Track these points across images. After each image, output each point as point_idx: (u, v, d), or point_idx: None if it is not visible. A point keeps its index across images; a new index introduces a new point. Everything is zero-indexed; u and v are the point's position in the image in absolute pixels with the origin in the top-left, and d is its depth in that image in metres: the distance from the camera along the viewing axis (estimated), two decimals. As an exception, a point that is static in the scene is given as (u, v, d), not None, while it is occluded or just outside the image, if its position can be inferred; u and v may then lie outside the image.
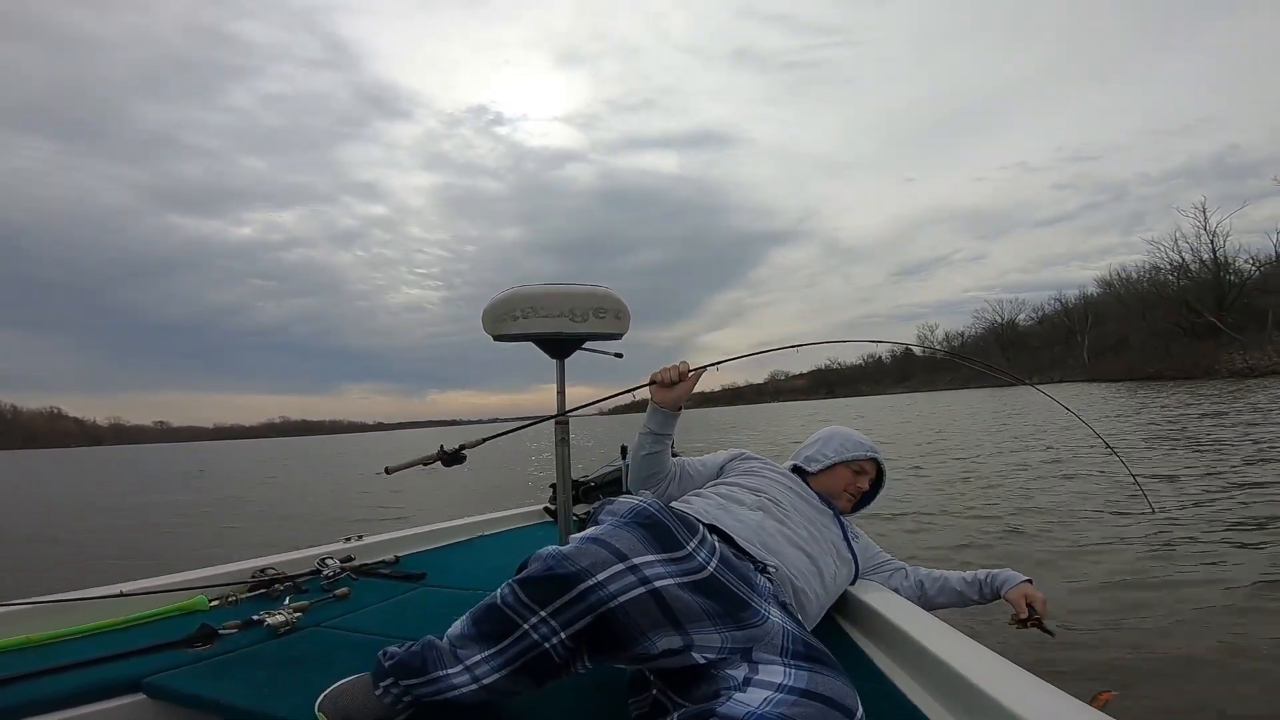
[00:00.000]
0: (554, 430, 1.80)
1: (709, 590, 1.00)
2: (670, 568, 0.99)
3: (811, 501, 1.68)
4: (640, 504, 1.08)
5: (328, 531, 5.78)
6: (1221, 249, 40.91)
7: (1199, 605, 3.07)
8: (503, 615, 0.98)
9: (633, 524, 1.03)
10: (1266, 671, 2.39)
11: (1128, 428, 11.89)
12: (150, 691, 1.26)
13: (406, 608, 1.77)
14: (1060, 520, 5.08)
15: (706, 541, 1.09)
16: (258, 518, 9.80)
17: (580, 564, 0.96)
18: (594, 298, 1.73)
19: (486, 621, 1.00)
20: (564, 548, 1.01)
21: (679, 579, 0.98)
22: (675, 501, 1.62)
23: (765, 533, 1.46)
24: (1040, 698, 0.95)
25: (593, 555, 0.97)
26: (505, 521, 2.97)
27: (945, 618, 1.40)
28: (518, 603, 0.97)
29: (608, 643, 0.97)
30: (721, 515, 1.47)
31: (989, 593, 1.77)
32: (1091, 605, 3.17)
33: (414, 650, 1.06)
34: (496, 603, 1.00)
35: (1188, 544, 4.09)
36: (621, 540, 1.00)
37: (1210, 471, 6.57)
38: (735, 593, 1.02)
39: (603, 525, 1.06)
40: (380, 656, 1.08)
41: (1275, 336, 31.91)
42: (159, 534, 8.52)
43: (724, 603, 1.00)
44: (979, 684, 1.01)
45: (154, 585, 1.75)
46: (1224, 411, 13.31)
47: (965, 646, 1.16)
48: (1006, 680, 1.01)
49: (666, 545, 1.02)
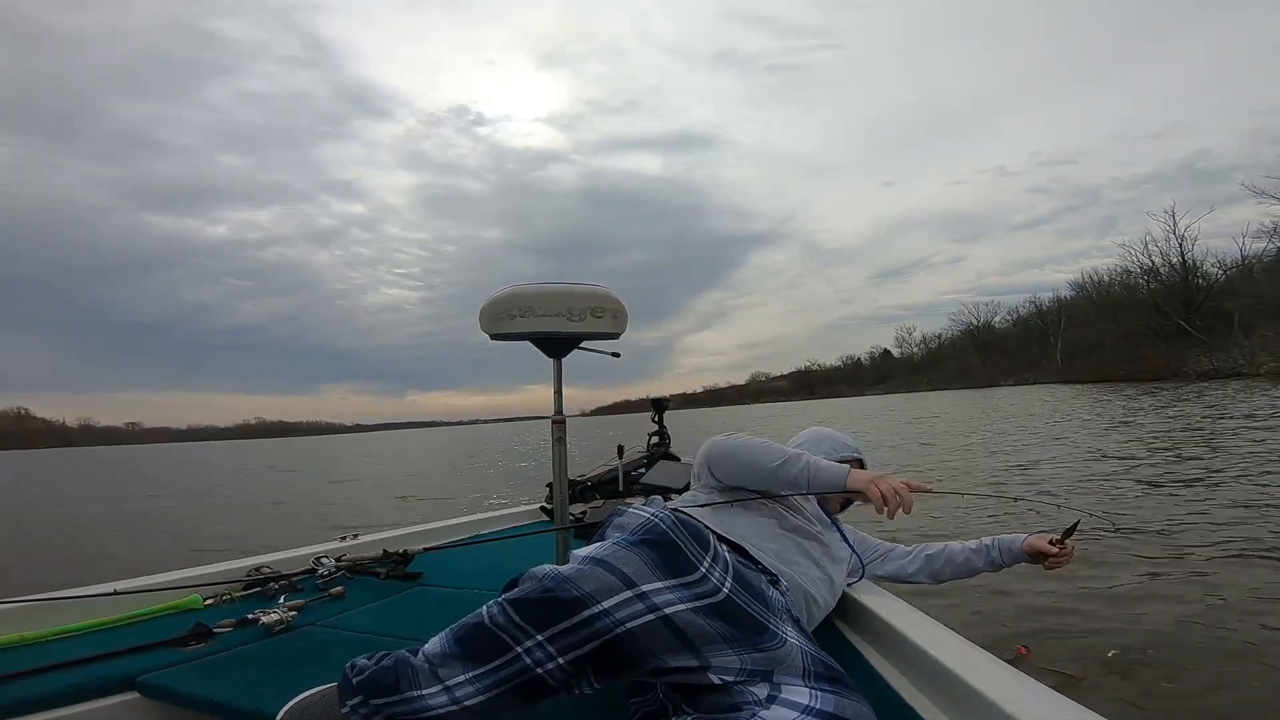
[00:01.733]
0: (551, 430, 1.80)
1: (724, 614, 0.93)
2: (682, 593, 0.92)
3: (812, 504, 1.63)
4: (651, 519, 1.01)
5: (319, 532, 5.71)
6: (1190, 253, 41.98)
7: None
8: (491, 636, 0.92)
9: (641, 544, 0.96)
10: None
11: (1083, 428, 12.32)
12: (144, 690, 1.25)
13: (402, 607, 1.77)
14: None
15: (720, 558, 1.02)
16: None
17: (584, 588, 0.90)
18: (592, 297, 1.73)
19: (472, 641, 0.93)
20: (564, 568, 0.94)
21: (692, 603, 0.92)
22: (684, 502, 1.55)
23: (778, 541, 1.39)
24: (1045, 704, 0.93)
25: (597, 580, 0.91)
26: (501, 520, 2.96)
27: (944, 619, 1.38)
28: (510, 624, 0.91)
29: (616, 665, 0.92)
30: (732, 525, 1.38)
31: (998, 556, 1.80)
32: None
33: (385, 666, 0.96)
34: (484, 622, 0.93)
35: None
36: (629, 564, 0.93)
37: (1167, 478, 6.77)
38: (752, 615, 0.96)
39: (608, 544, 0.98)
40: (348, 670, 0.99)
41: (1241, 339, 32.69)
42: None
43: (740, 627, 0.94)
44: (984, 691, 0.98)
45: (148, 584, 1.74)
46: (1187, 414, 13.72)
47: (967, 650, 1.15)
48: (1006, 685, 0.99)
49: (679, 568, 0.95)
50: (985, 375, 70.08)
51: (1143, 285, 45.00)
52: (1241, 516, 4.58)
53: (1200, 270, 41.75)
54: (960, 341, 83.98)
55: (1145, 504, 5.29)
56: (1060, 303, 64.01)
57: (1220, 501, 5.11)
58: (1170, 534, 4.28)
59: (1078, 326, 55.83)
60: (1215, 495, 5.35)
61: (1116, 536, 4.25)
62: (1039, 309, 70.79)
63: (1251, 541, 3.96)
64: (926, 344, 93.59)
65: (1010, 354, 71.08)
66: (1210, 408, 14.16)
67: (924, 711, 1.10)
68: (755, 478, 1.45)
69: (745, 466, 1.45)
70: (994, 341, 78.23)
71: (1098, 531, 4.26)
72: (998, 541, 1.81)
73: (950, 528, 5.01)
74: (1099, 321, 49.44)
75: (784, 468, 1.40)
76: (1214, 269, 41.24)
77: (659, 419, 3.58)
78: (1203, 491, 5.55)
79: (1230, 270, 39.92)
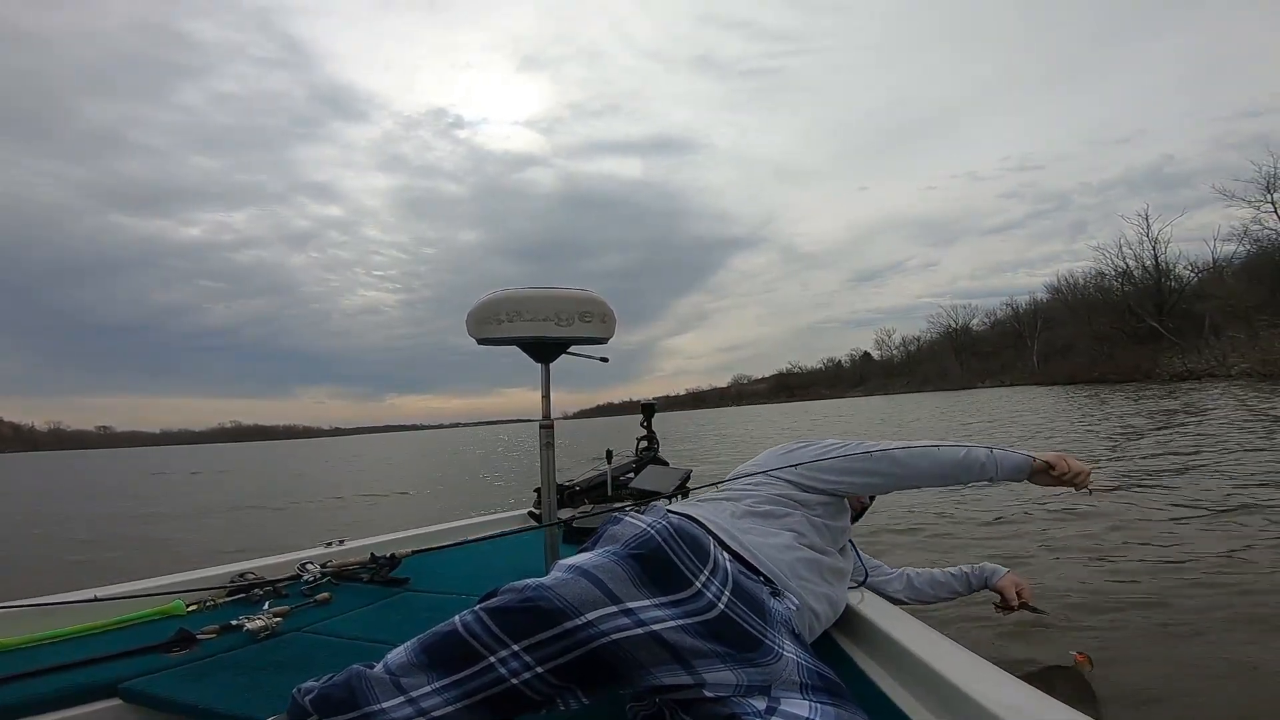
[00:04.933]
0: (539, 434, 1.80)
1: (718, 631, 0.90)
2: (671, 610, 0.89)
3: (843, 520, 1.57)
4: (646, 531, 0.97)
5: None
6: (1163, 256, 42.78)
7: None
8: (463, 644, 0.87)
9: (630, 558, 0.92)
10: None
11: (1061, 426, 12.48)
12: (127, 696, 1.24)
13: (388, 612, 1.76)
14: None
15: (720, 569, 0.98)
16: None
17: (565, 599, 0.86)
18: (580, 301, 1.73)
19: (441, 649, 0.88)
20: (546, 578, 0.91)
21: (681, 620, 0.88)
22: (696, 502, 1.53)
23: (790, 554, 1.34)
24: (1049, 715, 0.93)
25: (580, 591, 0.87)
26: (489, 526, 2.95)
27: (941, 627, 1.39)
28: (485, 632, 0.87)
29: (604, 677, 0.89)
30: (746, 534, 1.32)
31: (977, 584, 1.94)
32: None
33: (336, 682, 0.90)
34: (457, 629, 0.89)
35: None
36: (615, 578, 0.89)
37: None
38: (748, 630, 0.93)
39: (596, 554, 0.95)
40: (295, 694, 0.92)
41: (1211, 340, 33.44)
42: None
43: (735, 644, 0.91)
44: (985, 701, 0.97)
45: (130, 590, 1.72)
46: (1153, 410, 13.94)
47: (967, 660, 1.14)
48: (1009, 696, 0.97)
49: (670, 584, 0.91)
50: (962, 378, 70.95)
51: (1116, 288, 45.84)
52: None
53: (1173, 273, 42.69)
54: (939, 344, 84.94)
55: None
56: (1036, 305, 65.07)
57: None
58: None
59: (1053, 328, 56.75)
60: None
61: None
62: (1015, 311, 71.94)
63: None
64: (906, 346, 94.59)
65: (987, 356, 72.08)
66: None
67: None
68: (942, 474, 1.51)
69: (936, 465, 1.50)
70: (971, 344, 79.24)
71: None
72: (979, 570, 1.95)
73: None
74: (1073, 324, 50.26)
75: (970, 456, 1.49)
76: (1186, 271, 42.19)
77: (648, 423, 3.59)
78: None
79: (1202, 273, 40.82)
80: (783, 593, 1.24)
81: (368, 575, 2.05)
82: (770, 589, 1.21)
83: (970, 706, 0.98)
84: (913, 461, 1.50)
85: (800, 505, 1.47)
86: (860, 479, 1.52)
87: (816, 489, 1.50)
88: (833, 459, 1.52)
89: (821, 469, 1.51)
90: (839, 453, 1.53)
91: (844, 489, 1.52)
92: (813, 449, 1.57)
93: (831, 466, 1.51)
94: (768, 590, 1.17)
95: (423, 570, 2.16)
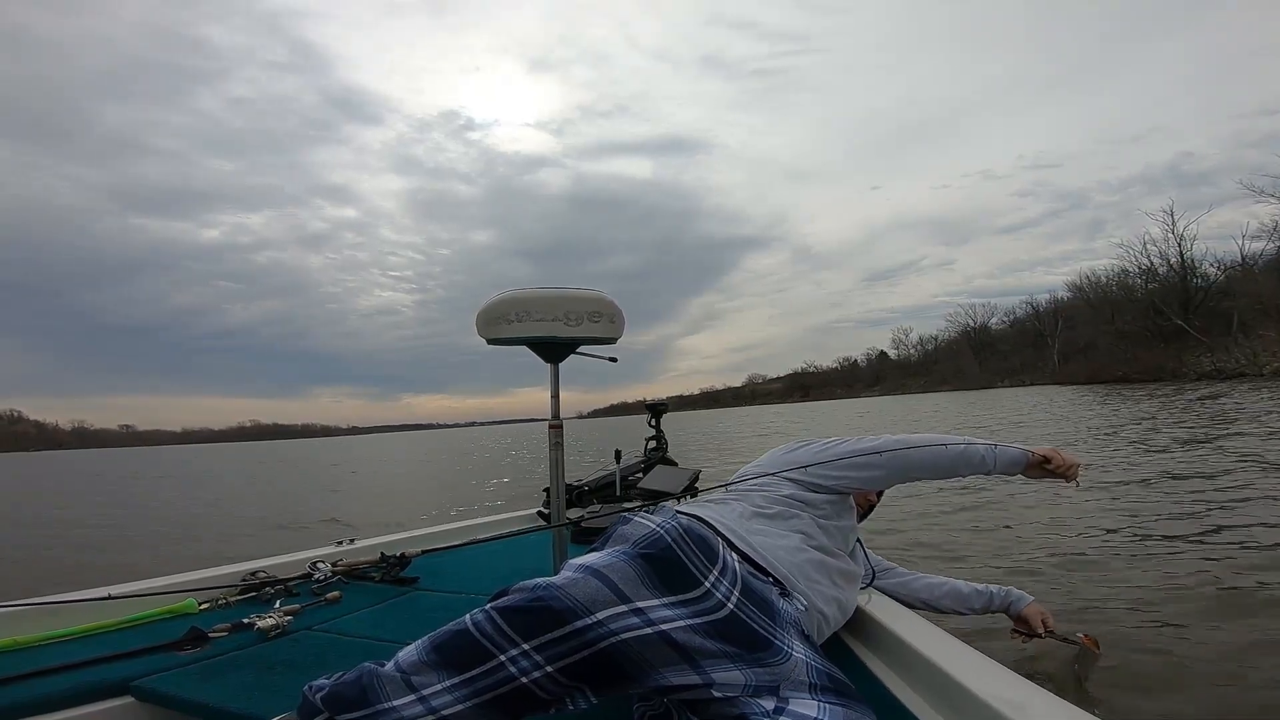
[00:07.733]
0: (548, 434, 1.79)
1: (727, 631, 0.91)
2: (680, 610, 0.90)
3: (850, 519, 1.58)
4: (656, 531, 0.97)
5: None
6: (1189, 253, 42.00)
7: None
8: (474, 643, 0.88)
9: (640, 558, 0.93)
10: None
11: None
12: (139, 694, 1.25)
13: (398, 611, 1.77)
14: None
15: (729, 570, 0.98)
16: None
17: (575, 598, 0.87)
18: (589, 301, 1.73)
19: (452, 648, 0.89)
20: (556, 578, 0.92)
21: (690, 620, 0.89)
22: (705, 502, 1.53)
23: (799, 556, 1.34)
24: (1058, 716, 0.92)
25: (590, 591, 0.88)
26: (498, 525, 2.96)
27: (956, 632, 1.36)
28: (495, 631, 0.87)
29: (613, 677, 0.89)
30: (755, 536, 1.33)
31: (999, 606, 1.93)
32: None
33: (347, 680, 0.91)
34: (467, 628, 0.89)
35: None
36: (624, 577, 0.90)
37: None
38: (756, 630, 0.94)
39: (605, 554, 0.95)
40: (306, 692, 0.93)
41: (1240, 339, 32.79)
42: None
43: (744, 644, 0.92)
44: (993, 703, 0.96)
45: (143, 588, 1.74)
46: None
47: (976, 661, 1.13)
48: (1018, 697, 0.97)
49: (680, 584, 0.92)
50: (981, 377, 70.18)
51: (1140, 286, 45.05)
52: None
53: (1199, 270, 41.88)
54: (957, 343, 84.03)
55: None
56: (1057, 304, 64.16)
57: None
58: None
59: (1074, 328, 55.91)
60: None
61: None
62: (1036, 310, 71.00)
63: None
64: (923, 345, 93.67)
65: (1006, 355, 71.22)
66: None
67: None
68: (942, 467, 1.54)
69: (937, 457, 1.53)
70: (990, 343, 78.35)
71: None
72: (1005, 593, 1.93)
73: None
74: (1095, 322, 49.50)
75: (970, 449, 1.54)
76: (1212, 269, 41.39)
77: (656, 424, 3.58)
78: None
79: (1230, 270, 40.02)
80: (792, 594, 1.24)
81: (378, 574, 2.06)
82: (779, 590, 1.21)
83: (979, 708, 0.98)
84: (914, 454, 1.53)
85: (807, 506, 1.48)
86: (863, 473, 1.54)
87: (822, 487, 1.52)
88: (835, 456, 1.55)
89: (825, 466, 1.53)
90: (842, 449, 1.56)
91: (848, 484, 1.54)
92: (815, 447, 1.60)
93: (835, 463, 1.54)
94: (777, 591, 1.16)
95: (432, 570, 2.17)
